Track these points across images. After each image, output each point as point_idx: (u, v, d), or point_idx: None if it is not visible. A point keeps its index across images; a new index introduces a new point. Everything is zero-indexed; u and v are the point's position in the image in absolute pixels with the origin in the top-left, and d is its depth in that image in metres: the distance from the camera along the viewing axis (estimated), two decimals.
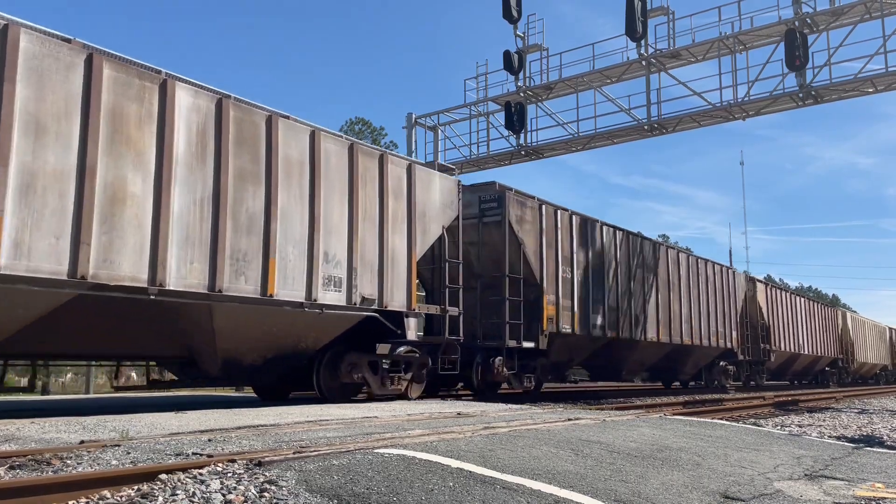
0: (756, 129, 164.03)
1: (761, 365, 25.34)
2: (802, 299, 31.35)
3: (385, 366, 10.67)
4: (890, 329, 48.07)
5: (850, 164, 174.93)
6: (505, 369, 13.14)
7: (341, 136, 10.29)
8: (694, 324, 20.15)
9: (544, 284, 14.03)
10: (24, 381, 9.32)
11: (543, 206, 14.43)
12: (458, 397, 13.99)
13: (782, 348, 26.97)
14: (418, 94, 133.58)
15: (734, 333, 22.90)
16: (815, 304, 33.23)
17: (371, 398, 10.71)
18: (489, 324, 13.41)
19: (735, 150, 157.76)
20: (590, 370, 19.61)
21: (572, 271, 15.03)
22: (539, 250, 14.07)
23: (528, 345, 13.48)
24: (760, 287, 25.99)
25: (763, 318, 25.42)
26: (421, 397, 11.70)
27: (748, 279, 25.70)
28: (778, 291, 28.06)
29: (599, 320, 15.79)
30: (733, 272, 23.92)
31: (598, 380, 22.02)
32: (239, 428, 6.18)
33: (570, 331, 14.62)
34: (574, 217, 15.54)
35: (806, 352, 29.89)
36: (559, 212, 15.01)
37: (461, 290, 12.05)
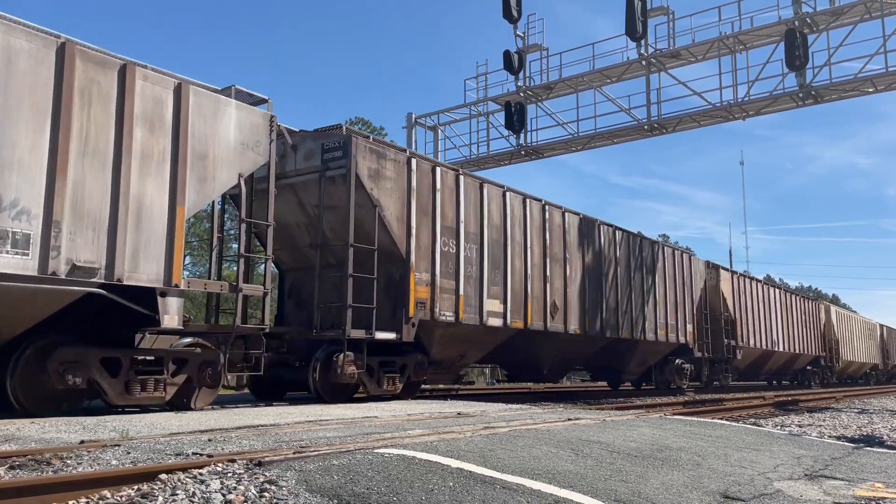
0: (756, 128, 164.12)
1: (726, 363, 22.40)
2: (778, 290, 28.24)
3: (139, 366, 7.94)
4: (881, 326, 44.59)
5: (850, 164, 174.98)
6: (353, 368, 10.13)
7: (52, 35, 7.24)
8: (635, 315, 17.32)
9: (413, 259, 11.01)
10: None
11: (415, 161, 11.38)
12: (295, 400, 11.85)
13: (751, 344, 24.06)
14: (418, 94, 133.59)
15: (689, 327, 20.07)
16: (794, 297, 29.98)
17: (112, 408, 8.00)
18: (331, 308, 10.59)
19: (735, 150, 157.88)
20: (507, 369, 17.19)
21: (458, 245, 11.95)
22: (406, 216, 11.06)
23: (384, 336, 10.56)
24: (725, 275, 23.22)
25: (728, 310, 22.68)
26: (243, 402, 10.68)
27: (710, 266, 22.95)
28: (747, 281, 24.99)
29: (498, 307, 12.79)
30: (689, 256, 21.03)
31: (517, 380, 18.66)
32: (239, 428, 6.18)
33: (452, 319, 11.66)
34: (463, 178, 12.39)
35: (781, 349, 27.01)
36: (440, 170, 11.94)
37: (269, 261, 9.47)
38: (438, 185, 11.78)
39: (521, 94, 21.48)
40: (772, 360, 27.01)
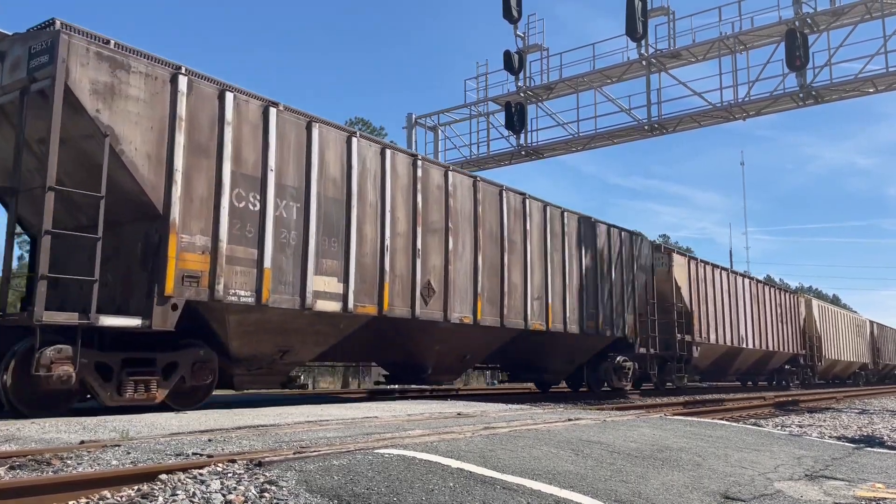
0: (756, 129, 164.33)
1: (681, 362, 19.51)
2: (747, 280, 25.06)
3: None
4: (871, 322, 40.91)
5: (850, 164, 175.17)
6: (67, 367, 7.02)
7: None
8: (553, 302, 14.31)
9: (176, 215, 7.95)
10: None
11: (185, 80, 8.22)
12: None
13: (712, 340, 21.19)
14: (418, 94, 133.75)
15: (628, 318, 17.04)
16: (768, 289, 26.87)
17: None
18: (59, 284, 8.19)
19: (734, 150, 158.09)
20: (383, 367, 14.38)
21: (265, 201, 8.94)
22: (166, 155, 7.97)
23: (116, 322, 7.47)
24: (679, 260, 20.30)
25: (682, 300, 19.76)
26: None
27: (661, 249, 20.42)
28: (707, 268, 21.81)
29: (335, 286, 9.77)
30: (632, 236, 17.78)
31: (398, 381, 14.39)
32: (239, 428, 6.18)
33: (251, 300, 8.64)
34: (277, 114, 9.23)
35: (751, 346, 24.12)
36: (232, 97, 8.72)
37: None
38: (230, 118, 8.66)
39: (522, 95, 21.48)
40: (740, 359, 24.46)
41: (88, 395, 7.85)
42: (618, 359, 16.80)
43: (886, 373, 45.46)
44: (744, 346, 23.72)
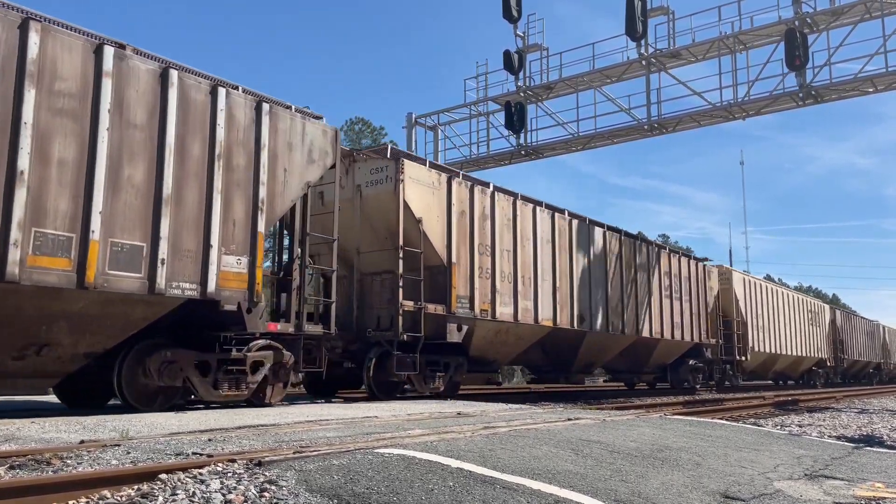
0: (754, 129, 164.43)
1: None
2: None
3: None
4: (833, 309, 35.04)
5: (849, 165, 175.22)
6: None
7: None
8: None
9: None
10: None
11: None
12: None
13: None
14: (418, 94, 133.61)
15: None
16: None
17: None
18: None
19: (733, 150, 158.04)
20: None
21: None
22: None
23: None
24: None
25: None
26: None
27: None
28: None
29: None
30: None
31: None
32: (239, 428, 6.18)
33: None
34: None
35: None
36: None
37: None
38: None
39: (521, 94, 21.48)
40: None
41: None
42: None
43: (856, 371, 38.34)
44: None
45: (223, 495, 3.55)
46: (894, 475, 5.61)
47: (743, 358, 23.61)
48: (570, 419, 7.66)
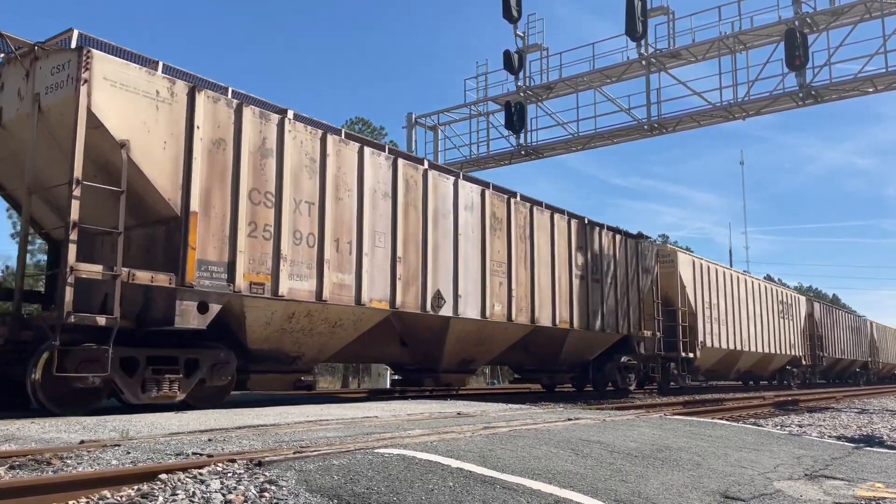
0: (753, 129, 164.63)
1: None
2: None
3: None
4: (809, 301, 31.06)
5: (849, 165, 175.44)
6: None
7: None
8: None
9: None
10: None
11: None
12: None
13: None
14: (418, 94, 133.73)
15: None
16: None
17: None
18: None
19: (732, 151, 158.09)
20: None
21: None
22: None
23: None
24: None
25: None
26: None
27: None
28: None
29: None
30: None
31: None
32: (239, 428, 6.18)
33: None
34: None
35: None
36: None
37: None
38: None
39: (521, 94, 21.48)
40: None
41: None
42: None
43: (839, 371, 35.13)
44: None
45: (223, 495, 3.55)
46: (894, 475, 5.61)
47: (690, 354, 19.58)
48: (570, 419, 7.66)
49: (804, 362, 28.26)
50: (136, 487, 3.72)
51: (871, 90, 17.67)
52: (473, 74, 23.59)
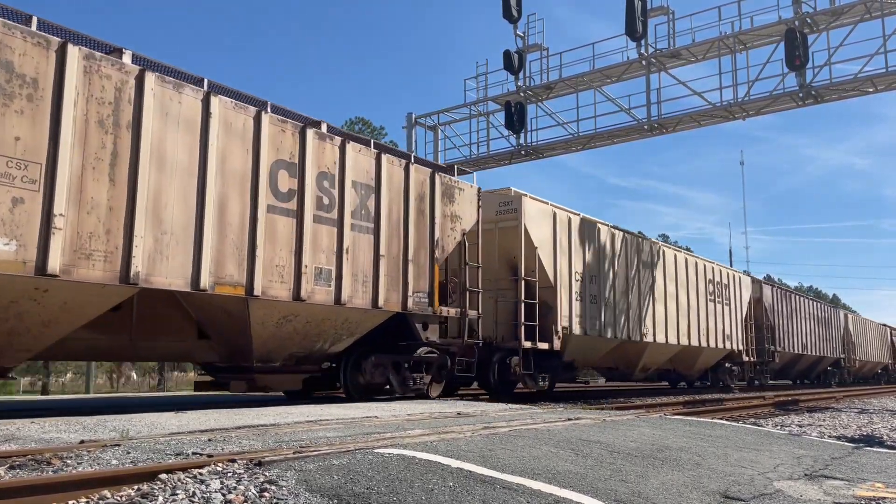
0: (752, 130, 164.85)
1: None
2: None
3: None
4: (755, 281, 25.39)
5: (847, 165, 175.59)
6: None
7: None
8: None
9: None
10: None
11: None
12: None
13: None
14: (418, 94, 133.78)
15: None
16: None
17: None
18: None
19: (731, 151, 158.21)
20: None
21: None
22: None
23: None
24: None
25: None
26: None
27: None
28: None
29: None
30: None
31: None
32: (239, 428, 6.17)
33: None
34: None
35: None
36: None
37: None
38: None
39: (521, 94, 21.48)
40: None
41: None
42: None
43: (802, 369, 30.83)
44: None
45: (223, 495, 3.55)
46: (894, 475, 5.61)
47: (546, 346, 13.93)
48: (570, 419, 7.65)
49: (746, 358, 22.91)
50: (136, 487, 3.72)
51: (871, 90, 17.66)
52: (473, 74, 23.61)
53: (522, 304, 13.68)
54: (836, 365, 33.25)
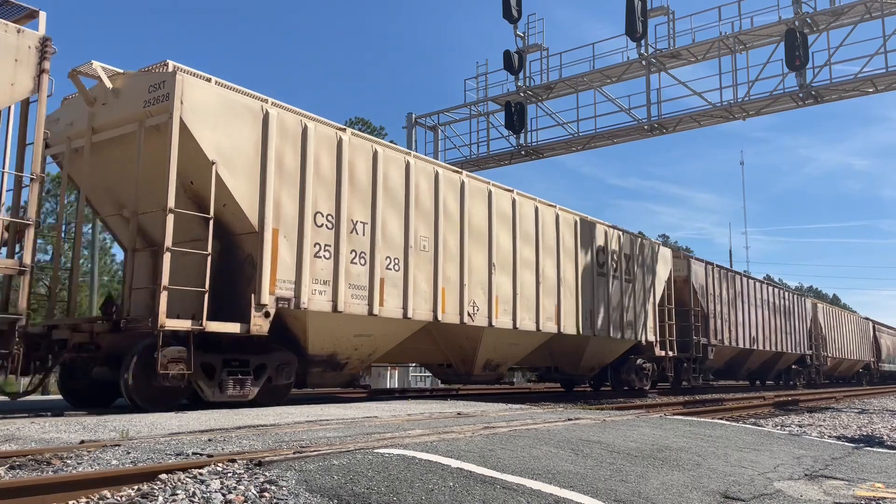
0: (752, 130, 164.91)
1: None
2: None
3: None
4: (686, 257, 21.44)
5: (846, 166, 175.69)
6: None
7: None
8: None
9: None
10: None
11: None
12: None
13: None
14: (418, 94, 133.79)
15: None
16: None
17: None
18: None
19: (731, 151, 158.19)
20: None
21: None
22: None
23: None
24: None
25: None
26: None
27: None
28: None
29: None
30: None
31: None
32: (239, 428, 6.17)
33: None
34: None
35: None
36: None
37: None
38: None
39: (521, 94, 21.48)
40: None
41: None
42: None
43: (752, 369, 25.93)
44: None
45: (223, 495, 3.55)
46: (894, 475, 5.61)
47: (234, 328, 8.91)
48: (570, 419, 7.65)
49: (661, 353, 18.17)
50: (136, 487, 3.72)
51: (871, 90, 17.67)
52: (473, 74, 23.61)
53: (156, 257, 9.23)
54: (802, 363, 28.26)
